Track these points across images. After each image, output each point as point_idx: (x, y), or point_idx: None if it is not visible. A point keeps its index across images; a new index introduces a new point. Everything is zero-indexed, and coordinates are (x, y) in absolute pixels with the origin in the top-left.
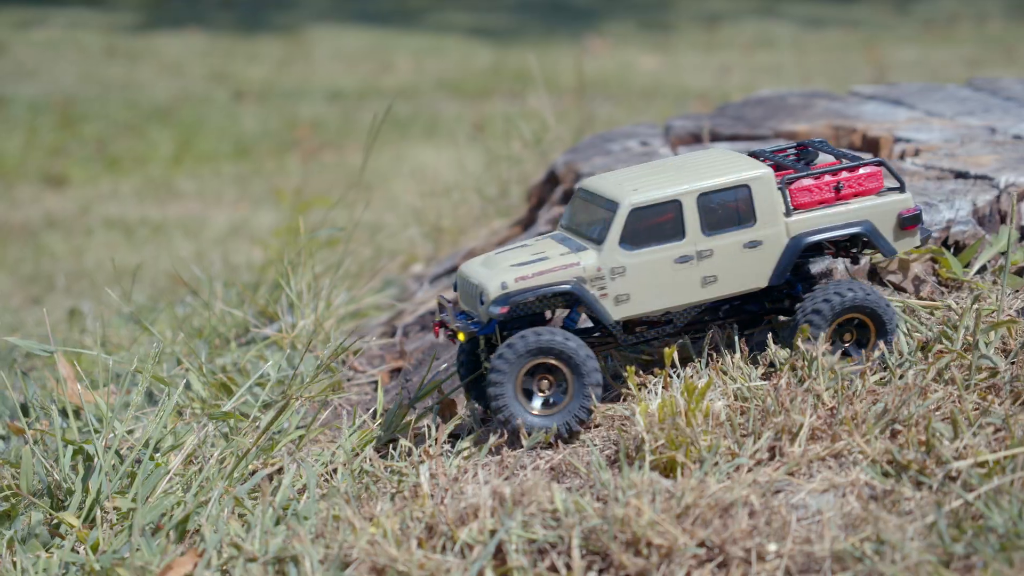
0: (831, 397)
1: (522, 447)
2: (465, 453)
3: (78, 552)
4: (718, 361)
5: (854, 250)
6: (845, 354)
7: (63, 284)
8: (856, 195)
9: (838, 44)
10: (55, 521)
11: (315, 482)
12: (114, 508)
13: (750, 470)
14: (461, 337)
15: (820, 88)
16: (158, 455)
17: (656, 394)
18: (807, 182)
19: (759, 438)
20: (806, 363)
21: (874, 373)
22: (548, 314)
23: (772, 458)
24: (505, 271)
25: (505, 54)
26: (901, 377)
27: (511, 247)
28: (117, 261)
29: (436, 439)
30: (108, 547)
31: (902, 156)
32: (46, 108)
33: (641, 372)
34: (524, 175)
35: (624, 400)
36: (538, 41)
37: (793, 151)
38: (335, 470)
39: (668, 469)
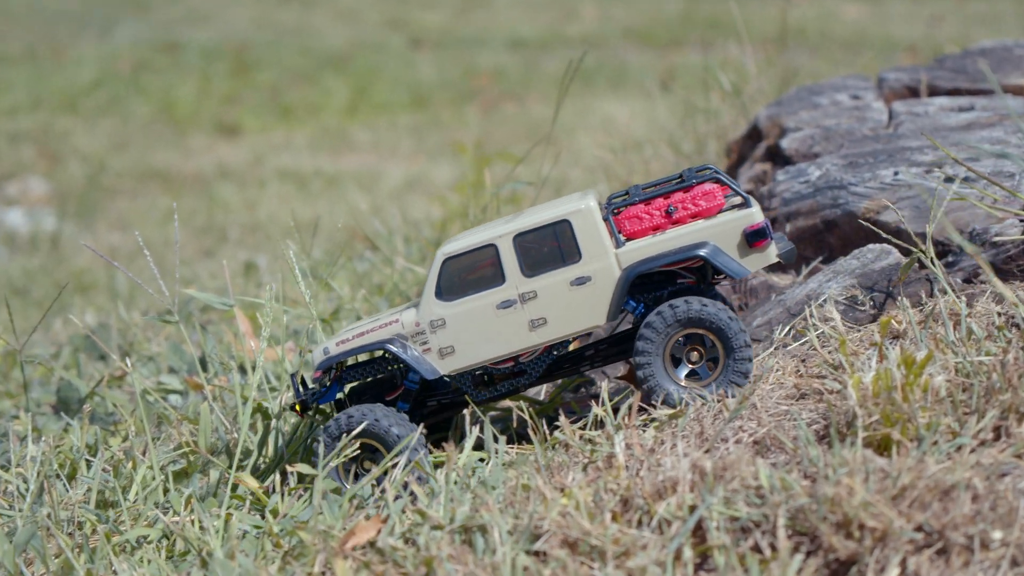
0: None
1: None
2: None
3: (258, 515)
4: (935, 332)
5: (717, 275)
6: (692, 374)
7: (236, 236)
8: (694, 216)
9: None
10: (233, 481)
11: (502, 448)
12: (294, 472)
13: (973, 451)
14: (298, 408)
15: None
16: None
17: (870, 366)
18: (637, 209)
19: (983, 416)
20: None
21: None
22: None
23: (997, 439)
24: (333, 338)
25: (696, 1)
26: None
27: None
28: (291, 213)
29: (631, 407)
30: (288, 510)
31: None
32: (219, 54)
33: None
34: (722, 129)
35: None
36: None
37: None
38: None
39: (882, 447)
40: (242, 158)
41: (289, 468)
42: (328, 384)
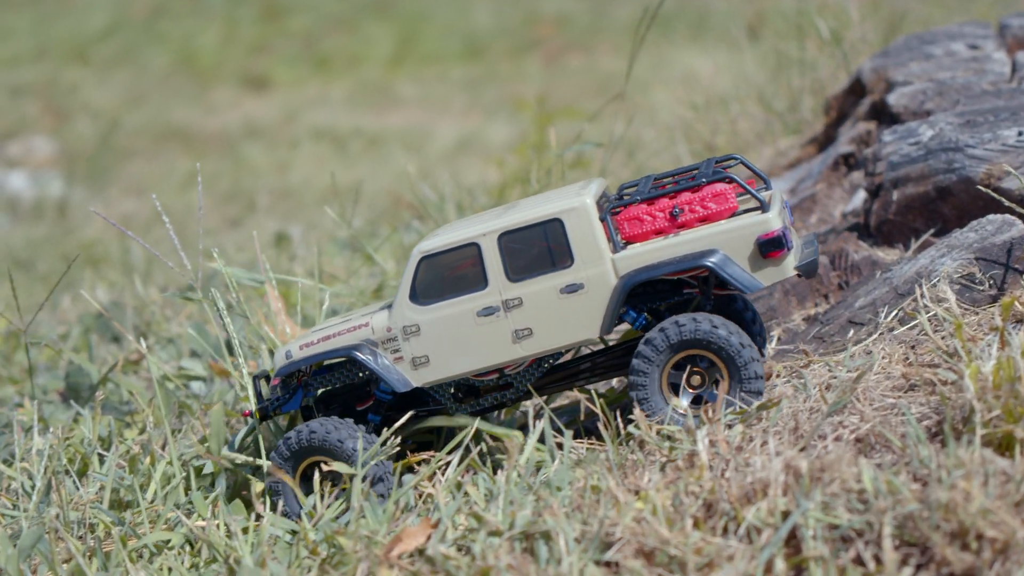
0: None
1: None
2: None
3: (292, 518)
4: None
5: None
6: (697, 401)
7: (266, 203)
8: (702, 220)
9: None
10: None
11: (568, 444)
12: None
13: None
14: (257, 416)
15: None
16: None
17: (990, 354)
18: (638, 209)
19: None
20: None
21: None
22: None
23: None
24: (298, 339)
25: None
26: None
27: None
28: (328, 177)
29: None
30: (325, 513)
31: None
32: None
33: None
34: (820, 83)
35: None
36: None
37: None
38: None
39: (1004, 446)
40: (272, 115)
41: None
42: (292, 390)
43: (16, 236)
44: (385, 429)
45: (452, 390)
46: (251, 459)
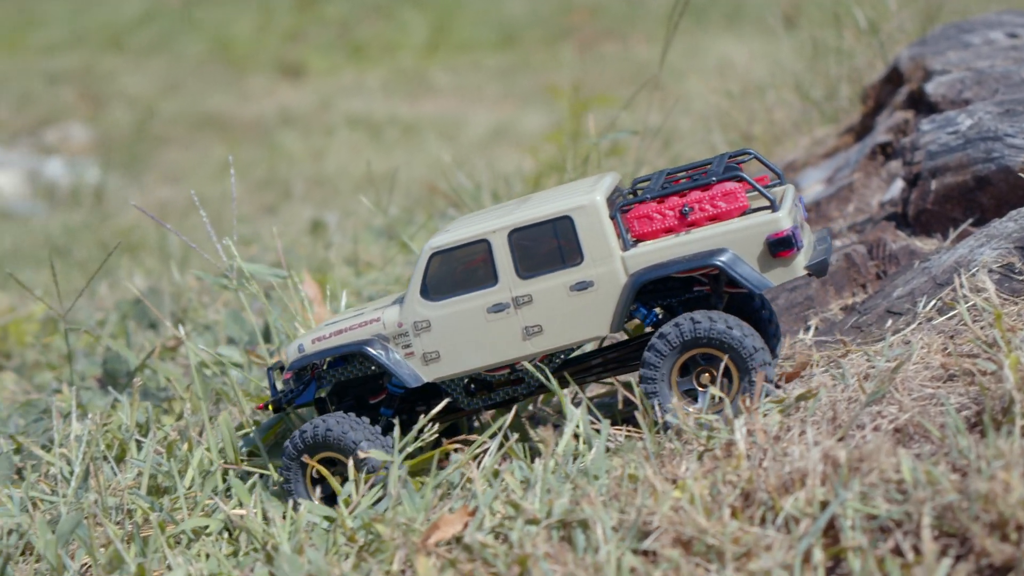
0: None
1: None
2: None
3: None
4: None
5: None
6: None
7: (301, 191)
8: (712, 219)
9: None
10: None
11: (605, 432)
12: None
13: None
14: (271, 408)
15: None
16: None
17: None
18: (648, 207)
19: None
20: None
21: None
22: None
23: None
24: (310, 333)
25: None
26: None
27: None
28: (363, 165)
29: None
30: (362, 500)
31: None
32: None
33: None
34: (857, 72)
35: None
36: None
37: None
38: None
39: None
40: (307, 102)
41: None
42: (306, 382)
43: (54, 223)
44: (422, 416)
45: (466, 382)
46: (266, 461)
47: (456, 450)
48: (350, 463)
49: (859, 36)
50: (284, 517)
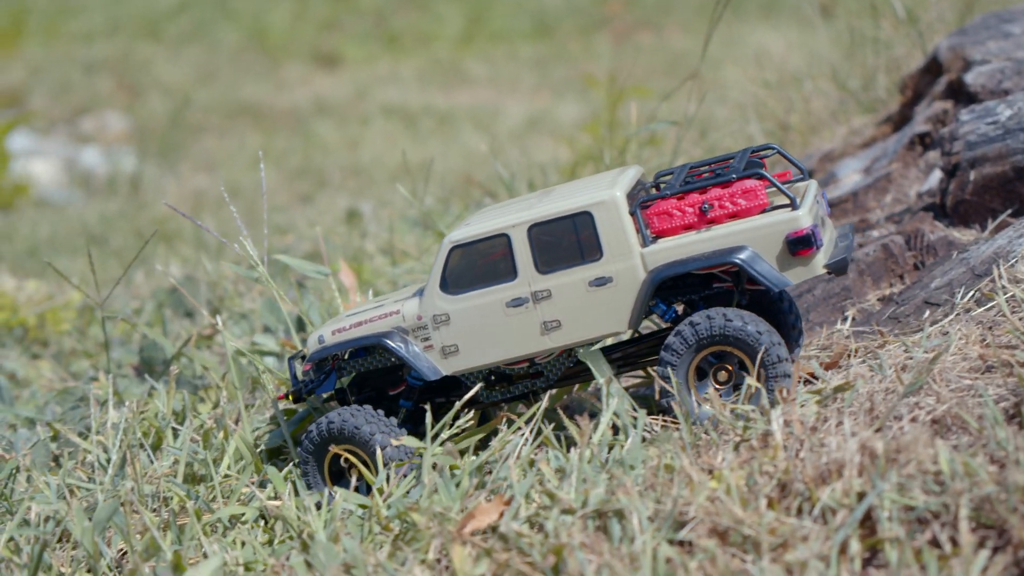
0: None
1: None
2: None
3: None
4: None
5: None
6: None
7: (336, 180)
8: (732, 216)
9: None
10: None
11: (641, 422)
12: (397, 444)
13: None
14: (291, 398)
15: None
16: None
17: None
18: (668, 204)
19: None
20: None
21: None
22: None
23: None
24: (330, 324)
25: None
26: None
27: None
28: (398, 154)
29: (793, 381)
30: (395, 489)
31: None
32: None
33: None
34: (895, 62)
35: None
36: None
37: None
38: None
39: None
40: (342, 92)
41: (394, 440)
42: (326, 373)
43: (90, 211)
44: (457, 401)
45: (486, 373)
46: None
47: (508, 420)
48: (377, 453)
49: (897, 26)
50: (318, 506)
